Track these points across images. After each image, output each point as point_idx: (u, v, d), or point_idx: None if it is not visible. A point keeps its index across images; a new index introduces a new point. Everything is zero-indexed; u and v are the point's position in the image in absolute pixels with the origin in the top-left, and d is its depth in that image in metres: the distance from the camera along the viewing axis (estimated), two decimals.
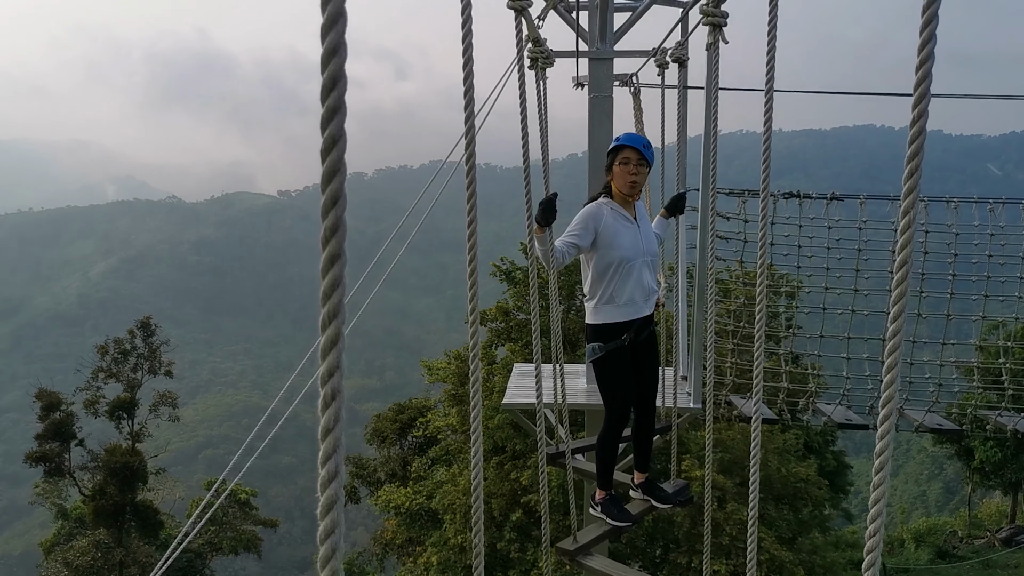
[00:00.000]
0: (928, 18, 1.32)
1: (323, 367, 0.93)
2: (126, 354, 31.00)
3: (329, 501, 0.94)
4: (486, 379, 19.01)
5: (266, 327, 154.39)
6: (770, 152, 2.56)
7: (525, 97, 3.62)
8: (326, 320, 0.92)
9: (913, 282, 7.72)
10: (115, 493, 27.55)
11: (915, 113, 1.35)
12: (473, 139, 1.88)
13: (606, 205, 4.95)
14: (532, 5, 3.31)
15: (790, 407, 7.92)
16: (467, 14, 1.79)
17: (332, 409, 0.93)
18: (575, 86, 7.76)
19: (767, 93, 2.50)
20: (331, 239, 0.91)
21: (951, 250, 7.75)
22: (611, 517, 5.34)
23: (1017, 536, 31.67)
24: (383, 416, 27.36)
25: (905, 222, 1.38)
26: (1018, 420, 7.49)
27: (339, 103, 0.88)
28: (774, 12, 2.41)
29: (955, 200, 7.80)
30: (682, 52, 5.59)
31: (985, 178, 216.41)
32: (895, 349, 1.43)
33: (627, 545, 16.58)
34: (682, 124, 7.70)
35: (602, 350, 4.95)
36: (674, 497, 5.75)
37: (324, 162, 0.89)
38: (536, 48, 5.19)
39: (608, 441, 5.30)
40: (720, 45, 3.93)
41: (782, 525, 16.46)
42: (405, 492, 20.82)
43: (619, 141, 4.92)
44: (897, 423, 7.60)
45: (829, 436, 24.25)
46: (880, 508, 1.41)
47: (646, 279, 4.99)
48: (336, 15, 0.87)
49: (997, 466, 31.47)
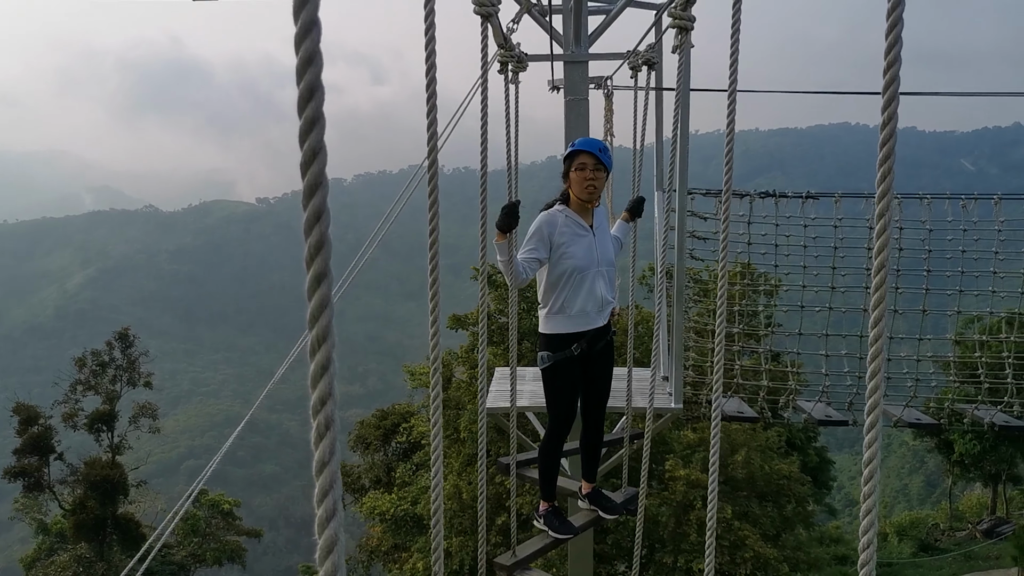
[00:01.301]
0: (893, 22, 1.33)
1: (315, 395, 0.85)
2: (104, 366, 30.74)
3: (329, 543, 0.86)
4: (468, 383, 19.00)
5: (247, 335, 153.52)
6: (732, 152, 2.59)
7: (487, 102, 3.61)
8: (315, 344, 0.86)
9: (889, 278, 7.78)
10: (96, 507, 27.31)
11: (884, 116, 1.36)
12: (436, 146, 1.87)
13: (561, 213, 4.82)
14: (500, 11, 3.32)
15: (771, 405, 7.96)
16: (430, 21, 1.79)
17: (327, 441, 0.85)
18: (551, 89, 7.78)
19: (730, 95, 2.52)
20: (316, 257, 0.85)
21: (925, 246, 7.83)
22: (553, 529, 5.31)
23: (998, 527, 31.96)
24: (366, 422, 27.28)
25: (881, 225, 1.39)
26: (995, 413, 7.57)
27: (318, 113, 0.84)
28: (737, 15, 2.43)
29: (928, 197, 7.88)
30: (653, 55, 5.61)
31: (959, 173, 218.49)
32: (878, 355, 1.44)
33: (612, 546, 16.63)
34: (658, 125, 7.77)
35: (550, 359, 4.86)
36: (622, 507, 5.72)
37: (305, 176, 0.84)
38: (506, 52, 5.18)
39: (549, 452, 5.25)
40: (690, 47, 3.95)
41: (766, 522, 16.54)
42: (390, 498, 20.77)
43: (574, 146, 4.78)
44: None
45: (811, 432, 24.37)
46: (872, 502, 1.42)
47: (600, 289, 4.88)
48: (310, 24, 0.83)
49: (976, 459, 31.75)
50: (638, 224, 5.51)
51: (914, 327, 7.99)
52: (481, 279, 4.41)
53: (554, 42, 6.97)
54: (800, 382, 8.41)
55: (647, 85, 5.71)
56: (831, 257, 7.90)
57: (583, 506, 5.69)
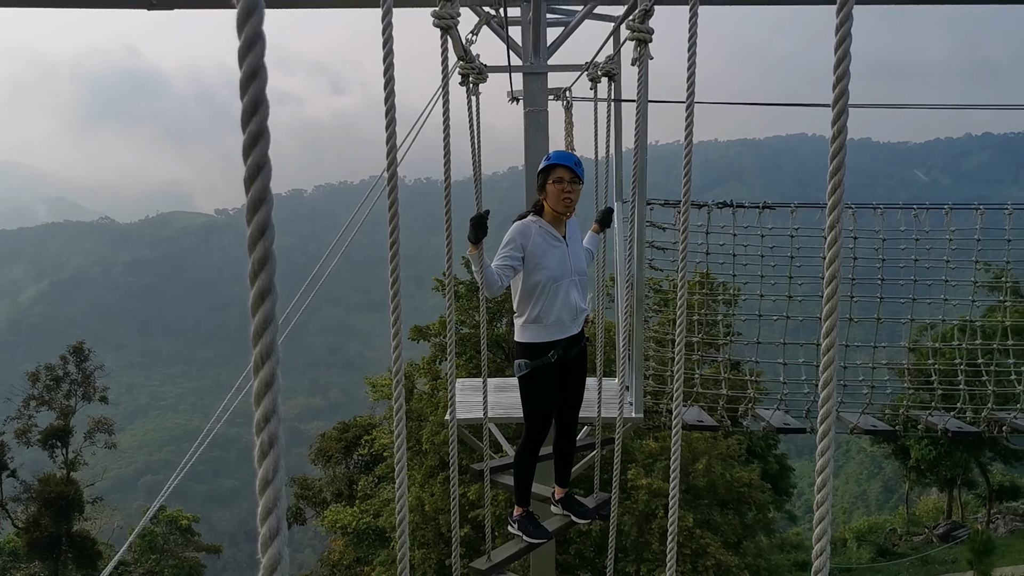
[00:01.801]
0: (842, 37, 1.36)
1: (258, 412, 0.83)
2: (59, 380, 30.27)
3: (272, 563, 0.84)
4: (431, 394, 18.95)
5: (206, 348, 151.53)
6: (691, 163, 2.62)
7: (448, 113, 3.62)
8: (259, 361, 0.83)
9: (844, 287, 7.91)
10: (50, 524, 26.80)
11: (835, 129, 1.39)
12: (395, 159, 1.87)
13: (534, 223, 4.90)
14: (459, 23, 3.33)
15: (731, 413, 8.04)
16: (388, 34, 1.79)
17: (270, 459, 0.83)
18: (510, 100, 7.80)
19: (688, 107, 2.55)
20: (260, 273, 0.82)
21: (879, 255, 7.95)
22: (527, 534, 5.34)
23: (953, 532, 32.48)
24: (328, 435, 27.09)
25: (832, 235, 1.42)
26: (948, 419, 7.71)
27: (262, 128, 0.82)
28: (694, 28, 2.47)
29: (881, 207, 8.01)
30: (612, 66, 5.66)
31: (912, 183, 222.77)
32: (831, 363, 1.46)
33: (576, 556, 16.64)
34: (617, 136, 7.81)
35: (528, 367, 4.92)
36: (594, 512, 5.77)
37: (249, 190, 0.81)
38: (467, 64, 5.19)
39: (525, 458, 5.30)
40: (649, 59, 3.99)
41: (727, 530, 16.67)
42: (352, 511, 20.62)
43: (551, 160, 4.87)
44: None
45: (771, 440, 24.63)
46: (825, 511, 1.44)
47: (573, 298, 4.96)
48: (254, 37, 0.81)
49: (932, 464, 32.25)
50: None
51: (869, 335, 8.10)
52: (448, 290, 4.42)
53: (513, 53, 7.00)
54: (759, 390, 8.50)
55: (607, 97, 5.76)
56: (788, 267, 8.00)
57: (556, 511, 5.73)
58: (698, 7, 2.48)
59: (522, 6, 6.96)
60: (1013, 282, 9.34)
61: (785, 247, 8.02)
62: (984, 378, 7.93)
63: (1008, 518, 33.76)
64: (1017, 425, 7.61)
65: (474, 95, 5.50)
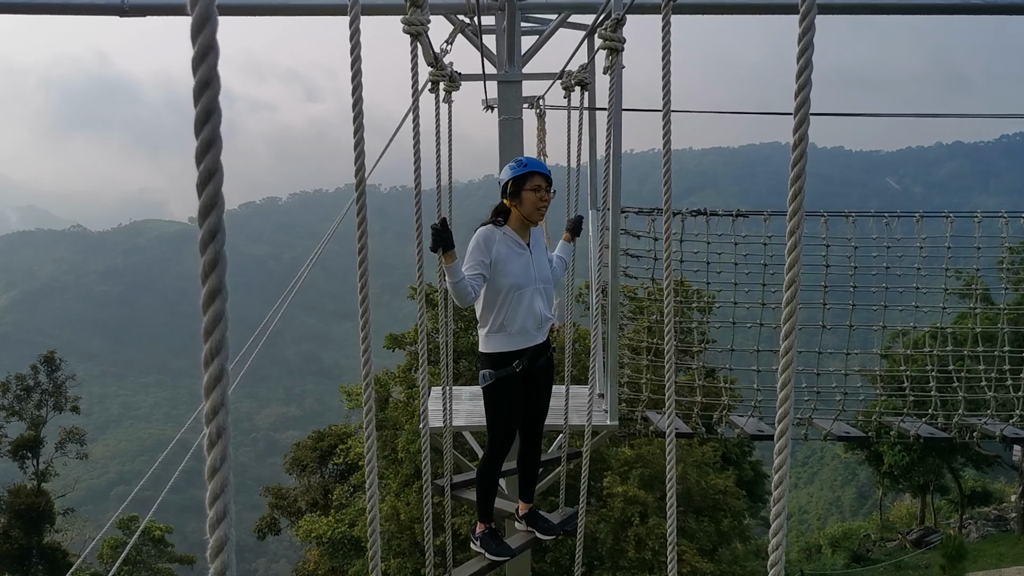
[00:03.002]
0: (804, 46, 1.36)
1: (207, 404, 0.91)
2: (29, 390, 29.94)
3: (219, 543, 0.92)
4: (407, 403, 18.88)
5: (180, 357, 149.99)
6: (671, 172, 2.63)
7: (419, 121, 3.62)
8: (208, 357, 0.91)
9: (816, 294, 7.97)
10: (20, 536, 26.46)
11: (796, 137, 1.40)
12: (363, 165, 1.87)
13: (499, 230, 4.87)
14: (429, 30, 3.33)
15: (705, 420, 8.06)
16: (355, 40, 1.78)
17: (218, 448, 0.91)
18: (485, 108, 7.81)
19: (664, 115, 2.56)
20: (211, 273, 0.89)
21: (851, 262, 8.03)
22: (490, 552, 5.28)
23: (926, 537, 32.83)
24: (303, 444, 26.90)
25: (792, 242, 1.43)
26: (920, 425, 7.78)
27: (214, 135, 0.86)
28: (667, 38, 2.48)
29: (853, 215, 8.09)
30: (585, 75, 5.68)
31: (884, 191, 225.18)
32: (788, 366, 1.47)
33: (552, 564, 16.61)
34: (591, 145, 7.84)
35: (492, 377, 4.87)
36: (558, 527, 5.74)
37: (201, 195, 0.87)
38: (438, 72, 5.18)
39: (488, 471, 5.23)
40: (622, 68, 4.01)
41: (703, 537, 16.72)
42: (327, 521, 20.46)
43: (527, 168, 4.83)
44: (807, 432, 7.80)
45: (746, 447, 24.76)
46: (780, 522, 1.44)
47: (538, 307, 4.92)
48: (207, 48, 0.84)
49: (905, 470, 32.59)
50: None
51: (842, 342, 8.17)
52: (419, 298, 4.40)
53: (487, 62, 7.00)
54: (733, 397, 8.54)
55: (580, 105, 5.78)
56: (761, 274, 8.06)
57: (520, 527, 5.67)
58: (671, 16, 2.49)
59: (496, 15, 6.98)
60: (983, 289, 9.46)
61: (758, 255, 8.07)
62: (955, 384, 8.02)
63: (980, 523, 34.16)
64: (988, 431, 7.68)
65: (446, 103, 5.49)
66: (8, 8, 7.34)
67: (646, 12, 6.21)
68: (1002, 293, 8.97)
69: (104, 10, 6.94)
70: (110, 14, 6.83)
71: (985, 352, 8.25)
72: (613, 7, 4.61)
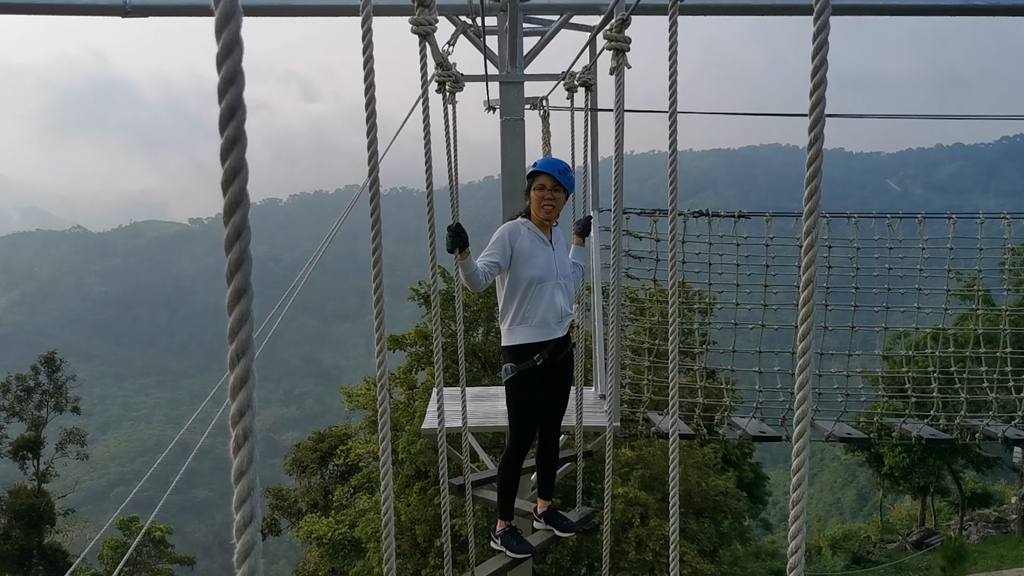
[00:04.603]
0: (819, 45, 1.36)
1: (234, 406, 0.89)
2: (30, 391, 29.94)
3: (246, 548, 0.89)
4: (407, 404, 18.85)
5: (180, 358, 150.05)
6: (676, 173, 2.62)
7: (429, 122, 3.61)
8: (235, 357, 0.88)
9: (819, 296, 7.96)
10: (20, 537, 26.46)
11: (811, 136, 1.39)
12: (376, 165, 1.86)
13: (523, 225, 4.98)
14: (437, 30, 3.32)
15: (706, 422, 8.06)
16: (368, 40, 1.77)
17: (245, 451, 0.89)
18: (487, 109, 7.80)
19: (671, 116, 2.56)
20: (236, 273, 0.87)
21: (853, 264, 8.03)
22: (511, 549, 5.28)
23: (927, 539, 32.79)
24: (303, 445, 26.89)
25: (808, 242, 1.42)
26: (922, 427, 7.77)
27: (239, 132, 0.85)
28: (674, 39, 2.47)
29: (855, 216, 8.09)
30: (589, 76, 5.68)
31: (885, 193, 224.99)
32: (805, 367, 1.46)
33: (552, 565, 16.60)
34: (593, 146, 7.83)
35: (514, 370, 4.92)
36: (577, 525, 5.75)
37: (226, 194, 0.85)
38: (444, 72, 5.18)
39: (509, 468, 5.24)
40: (627, 68, 4.00)
41: (703, 538, 16.70)
42: (327, 522, 20.44)
43: (536, 167, 4.96)
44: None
45: (746, 448, 24.74)
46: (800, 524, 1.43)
47: (559, 301, 5.00)
48: (232, 43, 0.83)
49: (906, 471, 32.54)
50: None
51: (844, 343, 8.16)
52: (434, 297, 4.41)
53: (490, 63, 7.00)
54: (735, 399, 8.53)
55: (584, 106, 5.77)
56: (763, 275, 8.05)
57: (539, 526, 5.67)
58: (678, 16, 2.48)
59: (499, 16, 6.98)
60: (985, 290, 9.46)
61: (760, 256, 8.07)
62: (957, 386, 8.01)
63: (980, 525, 34.13)
64: (989, 432, 7.68)
65: (451, 103, 5.50)
66: (8, 8, 7.33)
67: (651, 13, 6.21)
68: (1004, 295, 8.97)
69: (106, 11, 6.94)
70: (112, 15, 6.83)
71: (987, 353, 8.25)
72: (618, 8, 4.61)
